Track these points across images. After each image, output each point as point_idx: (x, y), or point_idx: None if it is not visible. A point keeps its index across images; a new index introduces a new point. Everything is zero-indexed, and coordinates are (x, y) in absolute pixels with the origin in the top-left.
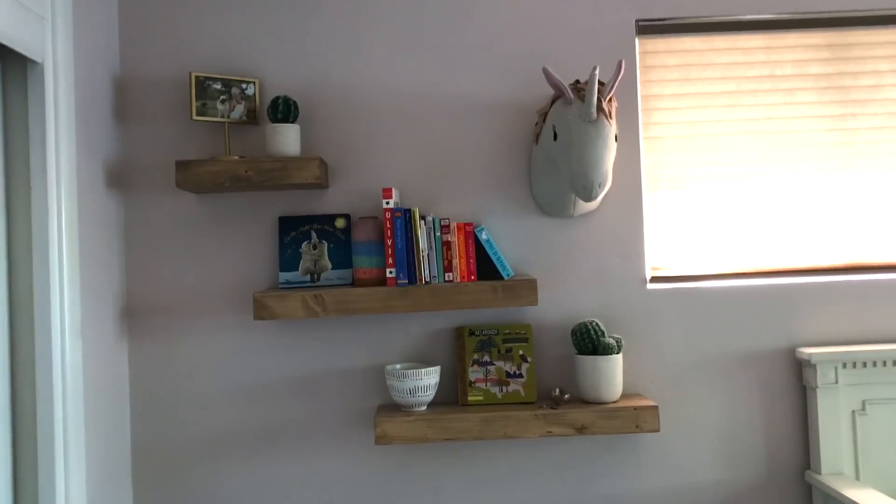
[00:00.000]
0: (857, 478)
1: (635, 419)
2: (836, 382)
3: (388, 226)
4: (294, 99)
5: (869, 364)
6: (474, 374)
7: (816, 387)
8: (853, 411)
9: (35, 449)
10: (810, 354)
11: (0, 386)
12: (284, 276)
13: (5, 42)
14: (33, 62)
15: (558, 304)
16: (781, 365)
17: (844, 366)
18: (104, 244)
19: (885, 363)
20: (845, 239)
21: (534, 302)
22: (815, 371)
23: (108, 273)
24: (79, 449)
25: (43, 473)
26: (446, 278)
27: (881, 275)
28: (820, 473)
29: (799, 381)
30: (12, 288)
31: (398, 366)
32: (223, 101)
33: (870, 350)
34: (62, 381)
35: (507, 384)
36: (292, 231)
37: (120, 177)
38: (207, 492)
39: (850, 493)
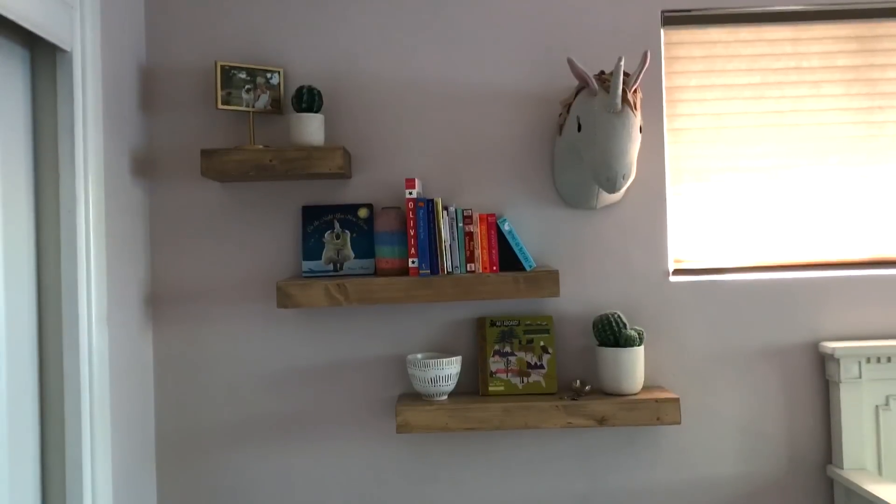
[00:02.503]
0: (880, 473)
1: (656, 411)
2: (860, 377)
3: (411, 216)
4: (318, 88)
5: (893, 359)
6: (495, 364)
7: (839, 381)
8: (876, 406)
9: (62, 434)
10: (834, 349)
11: (28, 372)
12: (307, 264)
13: (35, 30)
14: (62, 51)
15: (580, 295)
16: (804, 359)
17: (868, 360)
18: (130, 232)
19: None
20: (871, 233)
21: (555, 293)
22: (839, 365)
23: (134, 261)
24: (105, 434)
25: (70, 458)
26: (468, 269)
27: None
28: (842, 468)
29: (822, 375)
30: (40, 276)
31: (420, 355)
32: (248, 91)
33: (894, 345)
34: (89, 367)
35: (528, 375)
36: (315, 220)
37: (146, 165)
38: (229, 477)
39: (872, 487)
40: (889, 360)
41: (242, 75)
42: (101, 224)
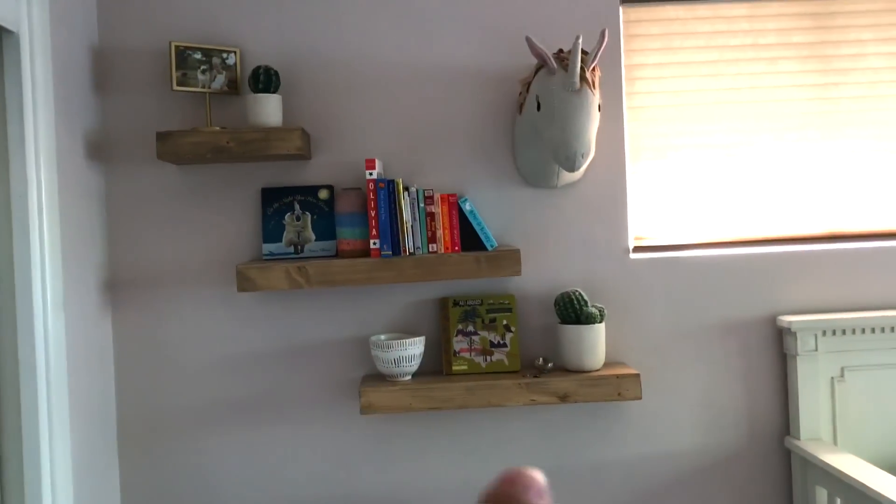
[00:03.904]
0: (835, 443)
1: (617, 387)
2: (816, 350)
3: (372, 197)
4: (275, 69)
5: (848, 332)
6: (458, 344)
7: (796, 354)
8: (832, 378)
9: (19, 422)
10: (791, 322)
11: None
12: (268, 247)
13: None
14: (9, 32)
15: (542, 274)
16: (762, 333)
17: (824, 333)
18: (85, 216)
19: (863, 331)
20: (827, 207)
21: (517, 272)
22: (796, 339)
23: (90, 245)
24: (63, 422)
25: (27, 447)
26: (430, 249)
27: (862, 243)
28: (799, 439)
29: (779, 348)
30: None
31: (383, 336)
32: (204, 71)
33: (849, 318)
34: (45, 354)
35: (491, 354)
36: (275, 202)
37: (100, 148)
38: (193, 462)
39: (827, 457)
40: (844, 332)
41: (198, 56)
42: (54, 208)
